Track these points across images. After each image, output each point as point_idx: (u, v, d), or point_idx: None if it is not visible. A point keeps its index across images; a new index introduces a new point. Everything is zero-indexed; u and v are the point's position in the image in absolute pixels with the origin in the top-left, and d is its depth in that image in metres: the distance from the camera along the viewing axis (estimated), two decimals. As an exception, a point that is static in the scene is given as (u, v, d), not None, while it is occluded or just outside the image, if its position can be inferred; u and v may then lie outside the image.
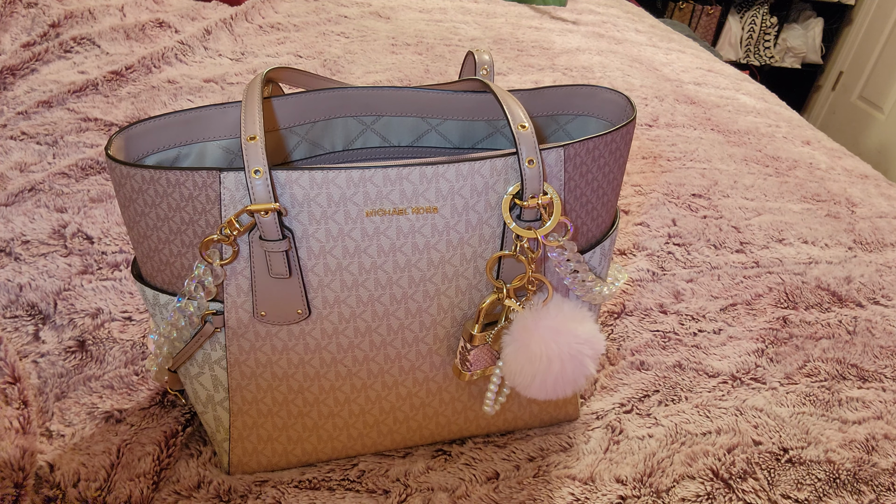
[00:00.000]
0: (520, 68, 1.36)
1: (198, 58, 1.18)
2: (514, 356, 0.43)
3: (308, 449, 0.50)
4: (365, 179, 0.40)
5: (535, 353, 0.42)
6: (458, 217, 0.42)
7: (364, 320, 0.45)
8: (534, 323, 0.43)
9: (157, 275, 0.43)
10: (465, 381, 0.47)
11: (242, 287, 0.42)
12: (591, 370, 0.43)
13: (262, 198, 0.38)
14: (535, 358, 0.42)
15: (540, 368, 0.42)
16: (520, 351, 0.43)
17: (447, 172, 0.41)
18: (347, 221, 0.41)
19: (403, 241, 0.42)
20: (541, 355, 0.42)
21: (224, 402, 0.47)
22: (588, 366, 0.43)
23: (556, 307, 0.43)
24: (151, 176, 0.39)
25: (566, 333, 0.42)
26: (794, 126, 1.32)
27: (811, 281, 0.82)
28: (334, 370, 0.47)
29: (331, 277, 0.43)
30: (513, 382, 0.44)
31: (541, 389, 0.43)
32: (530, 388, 0.43)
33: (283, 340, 0.45)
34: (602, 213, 0.48)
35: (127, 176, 0.39)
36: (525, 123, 0.41)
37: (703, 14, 2.87)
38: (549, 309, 0.43)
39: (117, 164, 0.39)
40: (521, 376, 0.43)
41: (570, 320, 0.43)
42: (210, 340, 0.44)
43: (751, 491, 0.53)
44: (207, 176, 0.39)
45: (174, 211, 0.40)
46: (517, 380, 0.43)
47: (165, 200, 0.40)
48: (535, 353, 0.42)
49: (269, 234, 0.39)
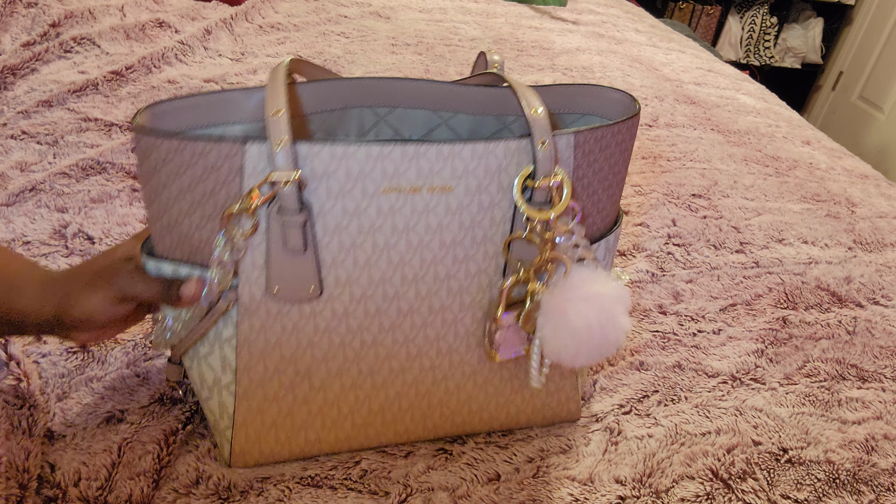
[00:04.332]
0: (520, 68, 1.36)
1: (198, 58, 1.18)
2: (553, 334, 0.44)
3: (311, 438, 0.50)
4: (383, 155, 0.41)
5: (575, 326, 0.43)
6: (472, 198, 0.43)
7: (374, 301, 0.45)
8: (563, 299, 0.43)
9: (176, 248, 0.43)
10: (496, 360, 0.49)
11: (257, 262, 0.43)
12: (627, 325, 0.44)
13: (285, 168, 0.39)
14: (576, 332, 0.43)
15: (584, 338, 0.43)
16: (559, 328, 0.43)
17: (463, 151, 0.42)
18: (364, 198, 0.42)
19: (417, 221, 0.43)
20: (580, 327, 0.43)
21: (230, 386, 0.47)
22: (623, 322, 0.44)
23: (577, 277, 0.44)
24: (177, 146, 0.39)
25: (596, 299, 0.43)
26: (794, 126, 1.32)
27: (811, 281, 0.82)
28: (342, 353, 0.47)
29: (344, 255, 0.43)
30: (559, 358, 0.45)
31: (588, 357, 0.44)
32: (577, 360, 0.44)
33: (293, 320, 0.45)
34: (607, 206, 0.49)
35: (153, 146, 0.40)
36: (539, 108, 0.43)
37: (703, 14, 2.87)
38: (573, 280, 0.44)
39: (144, 135, 0.40)
40: (567, 352, 0.44)
41: (593, 285, 0.44)
42: (223, 318, 0.45)
43: (750, 491, 0.53)
44: (231, 146, 0.39)
45: (197, 181, 0.40)
46: (563, 355, 0.44)
47: (189, 170, 0.40)
48: (575, 326, 0.43)
49: (289, 205, 0.40)
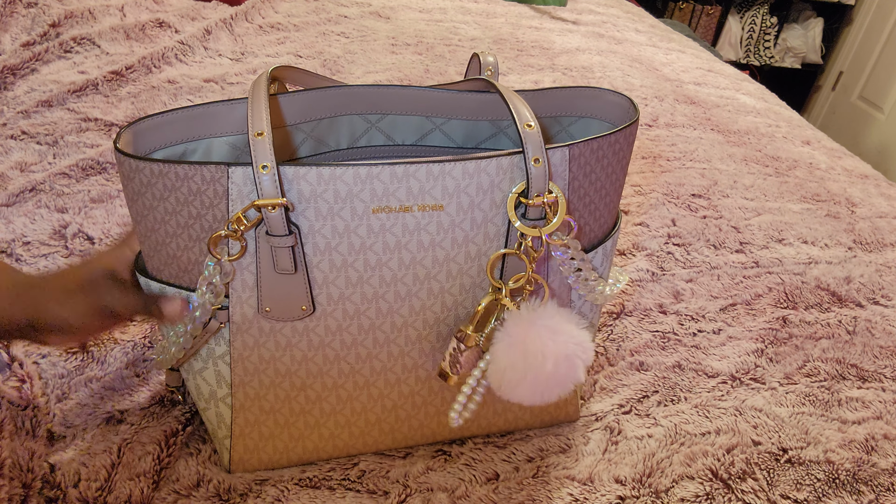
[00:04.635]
0: (520, 68, 1.36)
1: (198, 58, 1.18)
2: (506, 352, 0.42)
3: (309, 447, 0.50)
4: (372, 176, 0.40)
5: (530, 349, 0.41)
6: (464, 215, 0.43)
7: (368, 317, 0.45)
8: (531, 320, 0.42)
9: (164, 269, 0.43)
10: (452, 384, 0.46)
11: (248, 283, 0.42)
12: (581, 377, 0.43)
13: (270, 193, 0.38)
14: (530, 354, 0.41)
15: (534, 365, 0.41)
16: (514, 346, 0.42)
17: (454, 170, 0.41)
18: (354, 218, 0.41)
19: (409, 239, 0.42)
20: (536, 352, 0.41)
21: (227, 399, 0.47)
22: (579, 370, 0.43)
23: (553, 308, 0.43)
24: (160, 170, 0.39)
25: (563, 333, 0.42)
26: (794, 126, 1.32)
27: (811, 281, 0.82)
28: (337, 367, 0.47)
29: (336, 274, 0.43)
30: (500, 380, 0.42)
31: (530, 389, 0.42)
32: (519, 387, 0.42)
33: (286, 337, 0.45)
34: (605, 214, 0.48)
35: (136, 170, 0.39)
36: (531, 122, 0.42)
37: (703, 14, 2.87)
38: (548, 309, 0.43)
39: (126, 157, 0.39)
40: (513, 372, 0.42)
41: (567, 322, 0.43)
42: (214, 336, 0.45)
43: (750, 491, 0.53)
44: (216, 170, 0.39)
45: (182, 205, 0.40)
46: (507, 376, 0.42)
47: (174, 194, 0.40)
48: (531, 349, 0.41)
49: (276, 230, 0.39)
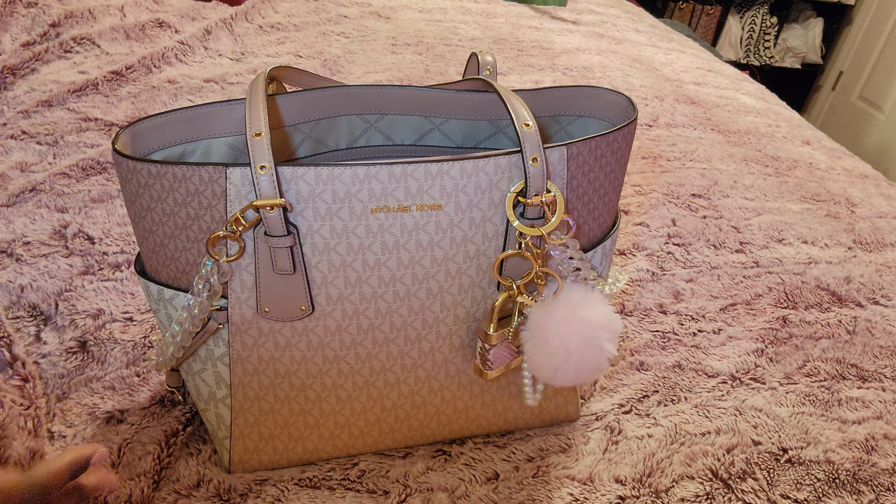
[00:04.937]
0: (520, 68, 1.36)
1: (198, 58, 1.18)
2: (534, 352, 0.44)
3: (309, 447, 0.50)
4: (370, 176, 0.40)
5: (552, 347, 0.43)
6: (462, 214, 0.43)
7: (367, 317, 0.45)
8: (546, 317, 0.43)
9: (162, 270, 0.43)
10: (489, 380, 0.48)
11: (246, 283, 0.42)
12: (611, 351, 0.44)
13: (268, 193, 0.38)
14: (553, 352, 0.43)
15: (560, 361, 0.43)
16: (538, 347, 0.43)
17: (452, 170, 0.41)
18: (352, 218, 0.41)
19: (407, 239, 0.42)
20: (558, 349, 0.43)
21: (226, 399, 0.47)
22: (607, 349, 0.44)
23: (565, 298, 0.44)
24: (158, 171, 0.39)
25: (579, 322, 0.43)
26: (794, 126, 1.32)
27: (811, 281, 0.82)
28: (336, 367, 0.47)
29: (334, 274, 0.43)
30: (538, 375, 0.45)
31: (565, 379, 0.44)
32: (555, 380, 0.44)
33: (285, 337, 0.45)
34: (603, 213, 0.48)
35: (134, 171, 0.39)
36: (529, 122, 0.42)
37: (703, 14, 2.87)
38: (559, 301, 0.44)
39: (124, 158, 0.39)
40: (544, 370, 0.44)
41: (580, 308, 0.43)
42: (213, 337, 0.45)
43: (750, 491, 0.53)
44: (213, 171, 0.39)
45: (180, 206, 0.40)
46: (541, 372, 0.44)
47: (171, 195, 0.40)
48: (553, 347, 0.43)
49: (274, 230, 0.39)
